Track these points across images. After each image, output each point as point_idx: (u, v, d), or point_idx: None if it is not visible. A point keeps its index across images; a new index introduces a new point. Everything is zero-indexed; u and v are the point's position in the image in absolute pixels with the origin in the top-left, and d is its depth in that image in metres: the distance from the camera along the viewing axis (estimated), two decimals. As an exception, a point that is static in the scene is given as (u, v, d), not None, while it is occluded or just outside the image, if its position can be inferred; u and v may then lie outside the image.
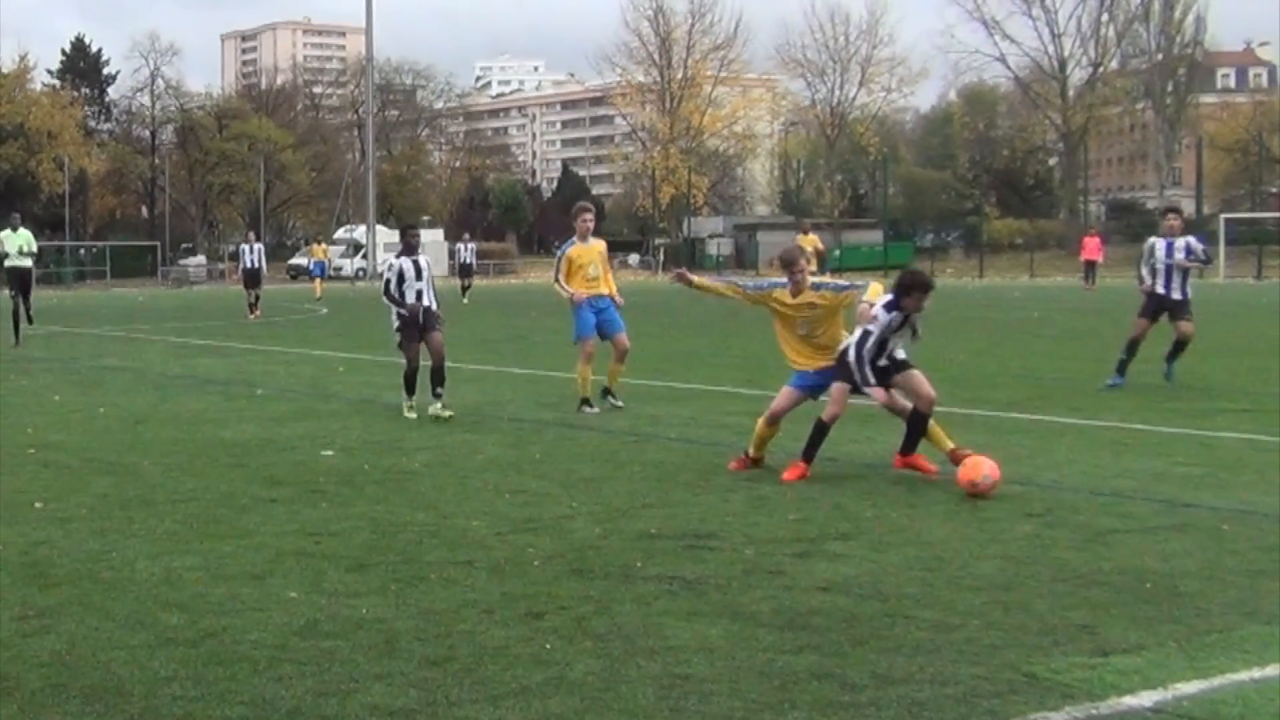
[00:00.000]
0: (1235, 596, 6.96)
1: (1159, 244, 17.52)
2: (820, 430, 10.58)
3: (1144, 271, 17.66)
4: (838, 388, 10.64)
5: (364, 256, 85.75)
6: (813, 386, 10.99)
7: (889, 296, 10.48)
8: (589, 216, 15.43)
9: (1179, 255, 17.34)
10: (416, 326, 14.72)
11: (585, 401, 14.99)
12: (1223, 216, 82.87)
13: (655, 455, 11.90)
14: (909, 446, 10.59)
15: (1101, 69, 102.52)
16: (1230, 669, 5.77)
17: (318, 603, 6.93)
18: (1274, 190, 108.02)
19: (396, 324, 14.87)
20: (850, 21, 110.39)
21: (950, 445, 10.45)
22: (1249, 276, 69.57)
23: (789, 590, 7.13)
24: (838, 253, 79.68)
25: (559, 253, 15.66)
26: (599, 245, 15.49)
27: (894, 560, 7.83)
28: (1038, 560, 7.78)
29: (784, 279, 11.01)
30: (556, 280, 15.47)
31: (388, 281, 14.91)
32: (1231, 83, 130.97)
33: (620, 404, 15.15)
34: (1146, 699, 5.39)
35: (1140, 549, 8.03)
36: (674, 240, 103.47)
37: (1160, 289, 17.40)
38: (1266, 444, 12.05)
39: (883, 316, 10.34)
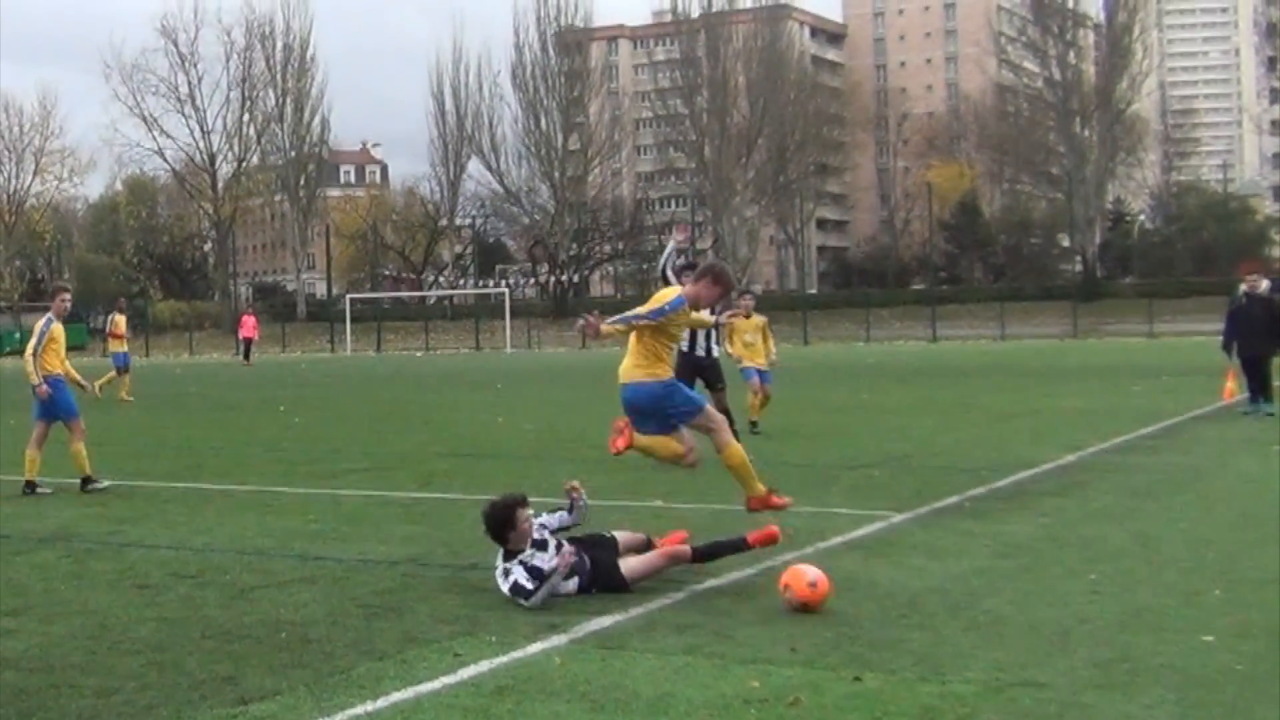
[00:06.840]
0: (354, 637, 7.07)
1: None
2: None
3: None
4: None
5: None
6: None
7: None
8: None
9: None
10: None
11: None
12: (348, 296, 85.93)
13: None
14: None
15: (245, 164, 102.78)
16: (350, 704, 5.81)
17: None
18: (388, 273, 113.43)
19: None
20: (24, 113, 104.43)
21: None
22: (370, 350, 72.36)
23: (-41, 673, 6.50)
24: (17, 335, 74.73)
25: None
26: None
27: (61, 631, 7.36)
28: (190, 620, 7.58)
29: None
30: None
31: None
32: (352, 178, 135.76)
33: None
34: (277, 742, 5.36)
35: (277, 601, 8.01)
36: None
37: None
38: (382, 498, 12.56)
39: None
